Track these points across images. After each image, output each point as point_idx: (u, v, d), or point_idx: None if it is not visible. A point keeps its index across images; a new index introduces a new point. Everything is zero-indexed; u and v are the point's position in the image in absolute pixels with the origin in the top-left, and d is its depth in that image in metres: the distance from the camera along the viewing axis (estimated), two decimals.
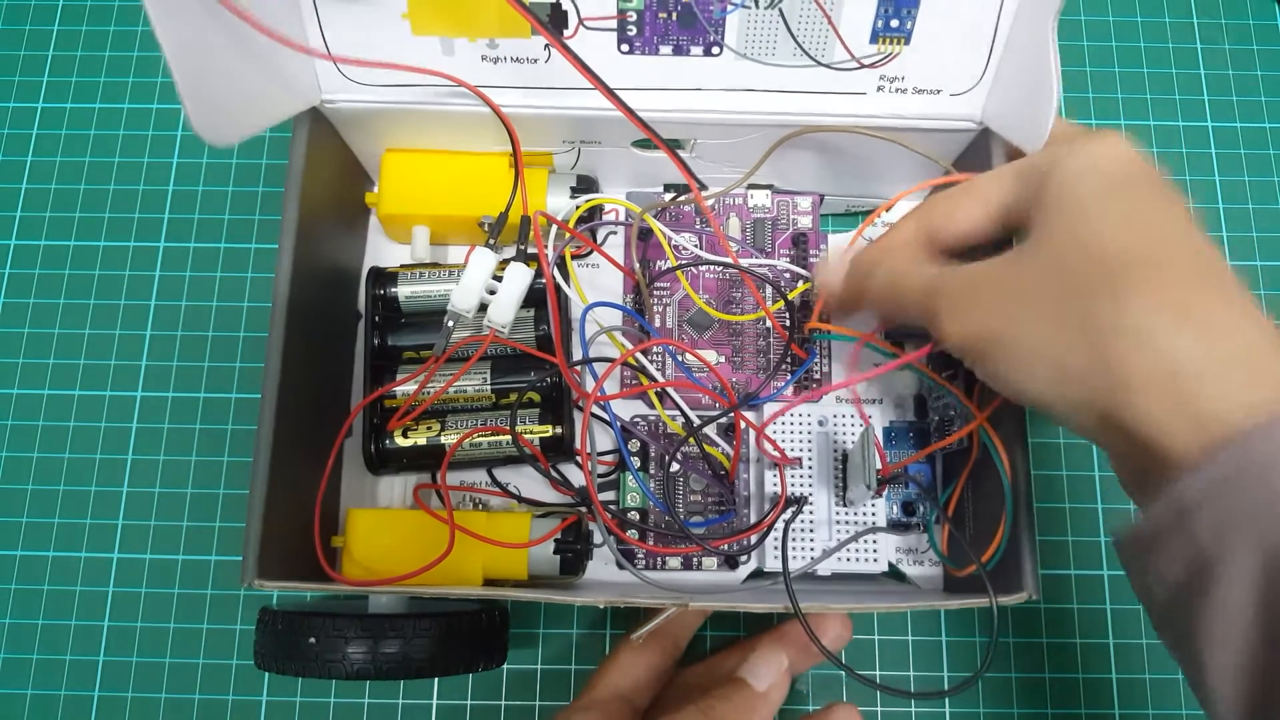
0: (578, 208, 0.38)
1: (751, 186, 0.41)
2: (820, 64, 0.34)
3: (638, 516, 0.38)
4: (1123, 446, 0.24)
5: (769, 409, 0.38)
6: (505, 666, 0.39)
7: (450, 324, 0.35)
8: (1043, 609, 0.40)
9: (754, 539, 0.36)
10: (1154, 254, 0.23)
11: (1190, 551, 0.22)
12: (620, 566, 0.36)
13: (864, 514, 0.36)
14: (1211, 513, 0.21)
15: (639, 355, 0.38)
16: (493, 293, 0.34)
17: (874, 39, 0.33)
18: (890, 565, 0.36)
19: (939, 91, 0.35)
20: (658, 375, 0.39)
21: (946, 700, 0.39)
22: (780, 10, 0.32)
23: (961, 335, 0.27)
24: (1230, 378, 0.22)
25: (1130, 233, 0.24)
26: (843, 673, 0.38)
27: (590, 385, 0.38)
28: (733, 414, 0.37)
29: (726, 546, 0.37)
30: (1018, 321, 0.25)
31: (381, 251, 0.42)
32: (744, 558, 0.37)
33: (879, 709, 0.38)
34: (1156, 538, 0.22)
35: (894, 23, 0.33)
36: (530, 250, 0.36)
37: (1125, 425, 0.23)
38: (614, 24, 0.33)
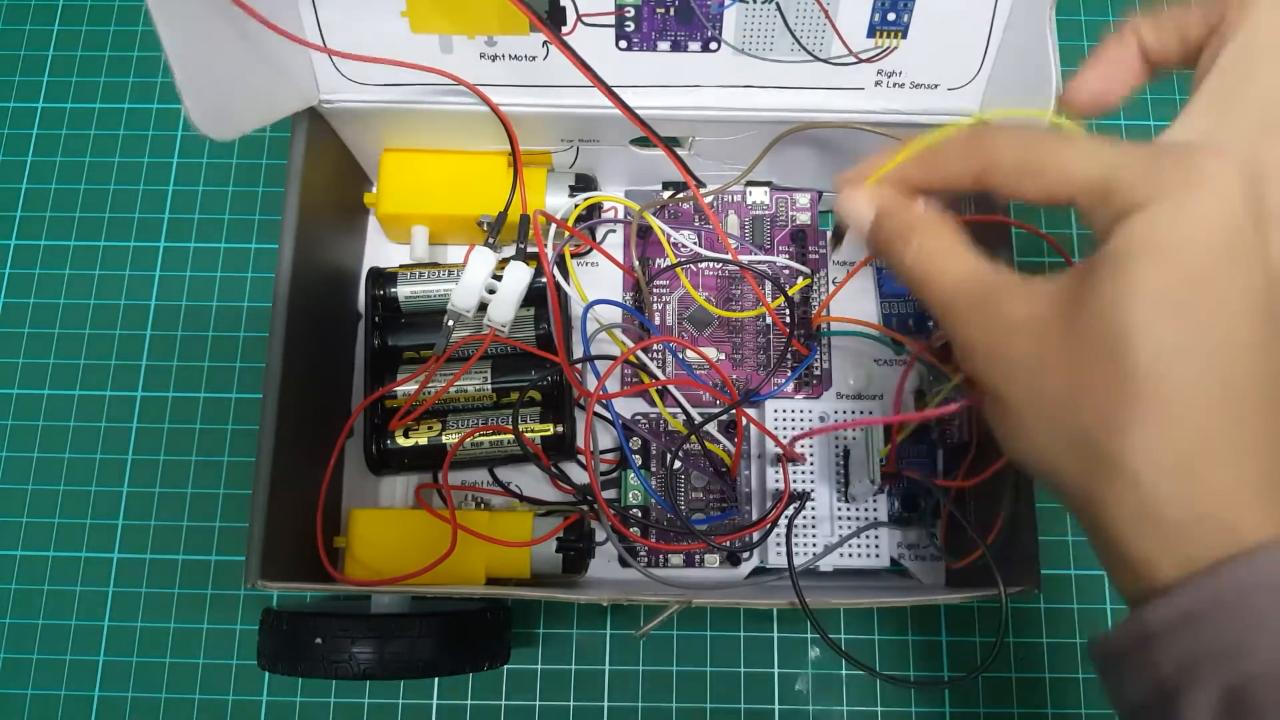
0: (577, 206, 0.38)
1: (750, 183, 0.41)
2: (818, 59, 0.34)
3: (640, 514, 0.38)
4: (1099, 543, 0.23)
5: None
6: (506, 666, 0.39)
7: (450, 324, 0.35)
8: (1043, 609, 0.39)
9: (757, 535, 0.36)
10: (1177, 384, 0.21)
11: (1154, 676, 0.21)
12: (624, 564, 0.36)
13: (866, 509, 0.36)
14: (1178, 644, 0.21)
15: (639, 353, 0.38)
16: (492, 292, 0.34)
17: (871, 33, 0.33)
18: (892, 560, 0.36)
19: (936, 86, 0.35)
20: (658, 373, 0.39)
21: (947, 700, 0.38)
22: (777, 5, 0.32)
23: (972, 374, 0.25)
24: (1212, 523, 0.21)
25: (1165, 353, 0.21)
26: (842, 662, 0.38)
27: (590, 383, 0.38)
28: (734, 411, 0.37)
29: (729, 543, 0.37)
30: (1031, 400, 0.23)
31: (381, 251, 0.42)
32: (746, 554, 0.37)
33: (879, 709, 0.38)
34: (1123, 657, 0.22)
35: (890, 16, 0.33)
36: (530, 249, 0.36)
37: (1105, 538, 0.22)
38: (612, 20, 0.33)
